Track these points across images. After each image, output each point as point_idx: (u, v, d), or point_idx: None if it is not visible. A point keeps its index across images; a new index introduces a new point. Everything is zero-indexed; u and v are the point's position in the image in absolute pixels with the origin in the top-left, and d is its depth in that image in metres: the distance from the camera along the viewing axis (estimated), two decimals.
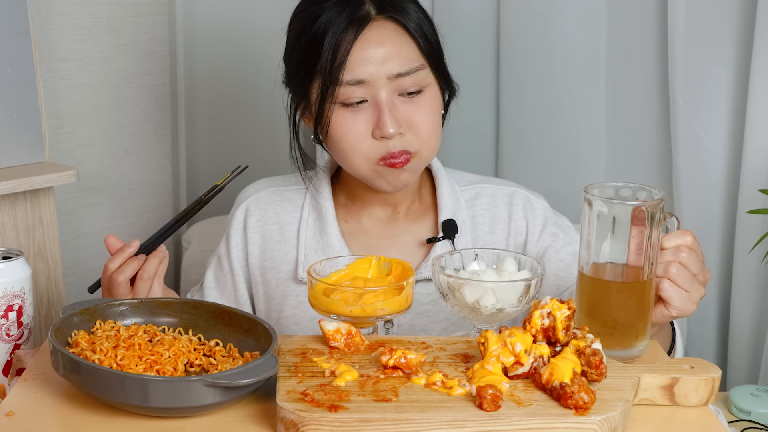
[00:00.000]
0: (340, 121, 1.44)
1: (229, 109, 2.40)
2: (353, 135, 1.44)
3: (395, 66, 1.43)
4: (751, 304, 1.83)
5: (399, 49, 1.44)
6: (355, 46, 1.42)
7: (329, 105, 1.44)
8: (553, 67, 2.02)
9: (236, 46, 2.36)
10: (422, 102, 1.45)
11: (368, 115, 1.44)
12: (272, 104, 2.46)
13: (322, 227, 1.54)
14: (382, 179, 1.47)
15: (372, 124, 1.43)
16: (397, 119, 1.43)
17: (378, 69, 1.42)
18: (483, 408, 1.04)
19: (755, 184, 1.75)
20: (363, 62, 1.42)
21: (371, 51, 1.42)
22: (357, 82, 1.42)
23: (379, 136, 1.43)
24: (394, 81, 1.43)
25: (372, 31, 1.43)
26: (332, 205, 1.55)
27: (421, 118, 1.45)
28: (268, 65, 2.42)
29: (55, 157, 2.02)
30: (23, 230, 1.85)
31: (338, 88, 1.43)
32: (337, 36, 1.42)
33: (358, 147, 1.44)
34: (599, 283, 1.21)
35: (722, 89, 1.82)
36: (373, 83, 1.42)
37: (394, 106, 1.43)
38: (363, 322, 1.22)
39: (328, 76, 1.43)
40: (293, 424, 1.02)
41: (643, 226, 1.18)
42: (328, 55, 1.42)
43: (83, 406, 1.09)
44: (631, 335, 1.21)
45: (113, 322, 1.20)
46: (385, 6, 1.45)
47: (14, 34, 1.80)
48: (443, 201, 1.55)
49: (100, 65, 2.10)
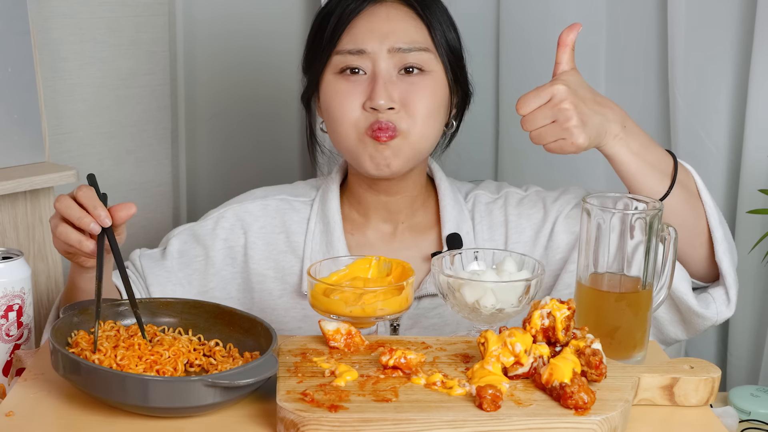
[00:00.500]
0: (334, 89, 1.45)
1: (229, 109, 2.40)
2: (346, 104, 1.43)
3: (398, 41, 1.43)
4: (751, 304, 1.83)
5: (406, 28, 1.44)
6: (361, 18, 1.43)
7: (326, 70, 1.45)
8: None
9: (236, 46, 2.36)
10: (422, 84, 1.44)
11: (364, 87, 1.43)
12: (272, 104, 2.47)
13: (329, 240, 1.52)
14: (366, 155, 1.43)
15: (366, 96, 1.42)
16: (390, 94, 1.42)
17: (380, 42, 1.43)
18: (483, 408, 1.04)
19: (755, 184, 1.75)
20: (366, 34, 1.43)
21: (377, 25, 1.43)
22: (357, 51, 1.43)
23: (369, 107, 1.42)
24: (396, 55, 1.43)
25: (382, 9, 1.45)
26: (340, 218, 1.53)
27: (417, 98, 1.43)
28: (268, 65, 2.43)
29: (55, 157, 2.02)
30: (23, 230, 1.86)
31: (337, 56, 1.43)
32: (345, 8, 1.44)
33: (349, 116, 1.43)
34: (598, 293, 1.21)
35: (722, 89, 1.82)
36: (373, 55, 1.43)
37: (390, 81, 1.43)
38: (363, 322, 1.22)
39: (328, 42, 1.44)
40: (293, 424, 1.02)
41: (641, 236, 1.19)
42: (333, 24, 1.44)
43: (83, 406, 1.09)
44: (629, 345, 1.21)
45: (113, 322, 1.20)
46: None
47: (14, 35, 1.80)
48: (446, 214, 1.53)
49: (100, 65, 2.10)
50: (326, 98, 1.46)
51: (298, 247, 1.53)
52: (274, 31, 2.41)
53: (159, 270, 1.51)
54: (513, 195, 1.56)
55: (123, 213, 1.24)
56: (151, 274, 1.50)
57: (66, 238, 1.23)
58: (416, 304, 1.49)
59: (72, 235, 1.23)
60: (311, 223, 1.54)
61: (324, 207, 1.54)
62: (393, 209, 1.54)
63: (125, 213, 1.24)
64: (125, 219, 1.24)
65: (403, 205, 1.53)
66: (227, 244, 1.54)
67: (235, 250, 1.54)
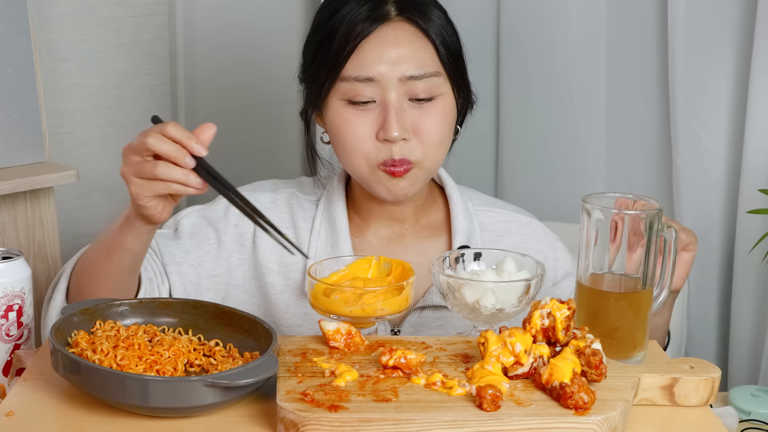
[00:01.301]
0: (345, 118, 1.41)
1: (228, 109, 2.40)
2: (357, 135, 1.40)
3: (408, 68, 1.39)
4: (751, 304, 1.83)
5: (415, 52, 1.40)
6: (369, 43, 1.39)
7: (332, 94, 1.41)
8: (553, 67, 2.03)
9: (236, 47, 2.37)
10: (432, 110, 1.41)
11: (374, 116, 1.40)
12: (272, 104, 2.47)
13: (335, 241, 1.49)
14: (381, 185, 1.42)
15: (377, 126, 1.39)
16: (403, 123, 1.39)
17: (390, 69, 1.39)
18: (483, 408, 1.04)
19: (755, 184, 1.75)
20: (375, 60, 1.39)
21: (385, 50, 1.39)
22: (366, 79, 1.39)
23: (383, 139, 1.39)
24: (406, 83, 1.39)
25: (389, 31, 1.40)
26: (347, 221, 1.50)
27: (429, 126, 1.41)
28: (268, 65, 2.43)
29: (55, 157, 2.02)
30: (23, 230, 1.86)
31: (344, 83, 1.40)
32: (351, 28, 1.39)
33: (360, 147, 1.41)
34: (598, 293, 1.21)
35: (722, 89, 1.82)
36: (383, 83, 1.39)
37: (402, 109, 1.40)
38: (363, 322, 1.22)
39: (333, 64, 1.40)
40: (293, 424, 1.02)
41: (641, 236, 1.18)
42: (338, 44, 1.40)
43: (83, 406, 1.09)
44: (629, 345, 1.21)
45: (113, 322, 1.20)
46: (407, 8, 1.42)
47: (14, 34, 1.80)
48: (458, 224, 1.51)
49: (100, 65, 2.10)
50: (335, 125, 1.43)
51: (304, 244, 1.51)
52: (274, 31, 2.41)
53: (175, 249, 1.49)
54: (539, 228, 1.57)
55: (208, 134, 1.18)
56: (167, 253, 1.48)
57: (169, 175, 1.16)
58: (419, 313, 1.49)
59: (175, 171, 1.15)
60: (316, 222, 1.52)
61: (330, 208, 1.52)
62: (398, 217, 1.52)
63: (210, 134, 1.19)
64: (211, 140, 1.19)
65: (408, 213, 1.52)
66: (237, 230, 1.52)
67: (245, 237, 1.52)
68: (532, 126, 2.08)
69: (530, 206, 1.81)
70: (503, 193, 2.16)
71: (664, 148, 1.95)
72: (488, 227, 1.54)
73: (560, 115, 2.05)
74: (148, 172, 1.17)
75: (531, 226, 1.57)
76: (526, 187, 2.13)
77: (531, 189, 2.13)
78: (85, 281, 1.35)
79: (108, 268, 1.31)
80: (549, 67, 2.02)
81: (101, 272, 1.32)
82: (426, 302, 1.48)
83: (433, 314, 1.48)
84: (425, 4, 1.44)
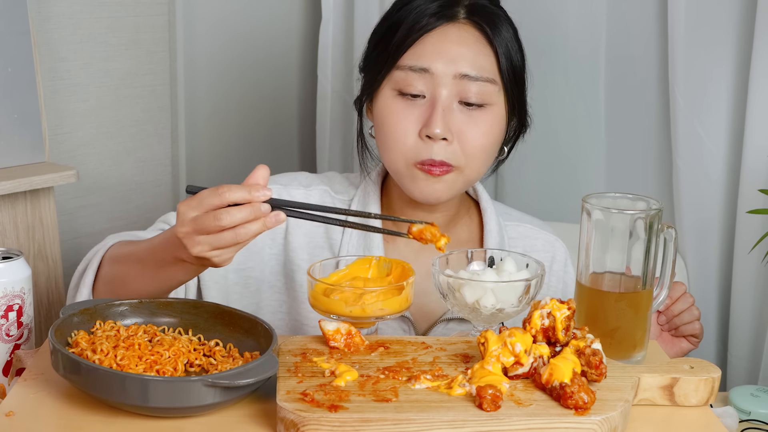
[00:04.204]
0: (392, 108, 1.40)
1: (229, 109, 2.40)
2: (401, 127, 1.39)
3: (465, 66, 1.38)
4: (751, 304, 1.83)
5: (475, 55, 1.39)
6: (431, 37, 1.38)
7: (385, 83, 1.40)
8: (553, 67, 2.02)
9: (236, 47, 2.36)
10: (481, 118, 1.39)
11: (422, 112, 1.38)
12: (272, 104, 2.47)
13: (368, 245, 1.48)
14: (415, 184, 1.40)
15: (422, 122, 1.38)
16: (448, 123, 1.37)
17: (446, 65, 1.37)
18: (483, 408, 1.04)
19: (755, 184, 1.75)
20: (433, 54, 1.38)
21: (446, 46, 1.38)
22: (421, 69, 1.37)
23: (425, 135, 1.37)
24: (459, 82, 1.38)
25: (453, 30, 1.39)
26: (380, 223, 1.47)
27: (475, 133, 1.39)
28: (268, 65, 2.43)
29: (55, 157, 2.01)
30: (23, 230, 1.85)
31: (398, 71, 1.39)
32: (417, 20, 1.39)
33: (402, 141, 1.39)
34: (598, 293, 1.21)
35: (722, 89, 1.82)
36: (437, 78, 1.37)
37: (450, 109, 1.38)
38: (363, 323, 1.22)
39: (393, 53, 1.39)
40: (293, 424, 1.02)
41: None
42: (401, 34, 1.39)
43: (83, 406, 1.09)
44: (629, 345, 1.21)
45: (113, 322, 1.20)
46: (477, 12, 1.41)
47: (14, 34, 1.80)
48: (490, 239, 1.50)
49: (100, 65, 2.10)
50: (381, 114, 1.42)
51: (335, 244, 1.49)
52: (274, 31, 2.41)
53: None
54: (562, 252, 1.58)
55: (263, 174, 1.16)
56: None
57: (248, 233, 1.13)
58: (445, 324, 1.48)
59: (253, 227, 1.13)
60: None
61: (364, 208, 1.50)
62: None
63: (265, 173, 1.16)
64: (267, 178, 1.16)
65: (440, 222, 1.49)
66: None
67: (276, 231, 1.49)
68: (531, 125, 2.07)
69: (530, 206, 1.82)
70: (503, 193, 2.16)
71: (664, 148, 1.95)
72: (516, 242, 1.54)
73: (560, 115, 2.05)
74: (230, 241, 1.14)
75: (555, 245, 1.58)
76: (526, 187, 2.13)
77: (531, 189, 2.13)
78: (119, 289, 1.31)
79: (147, 285, 1.28)
80: (549, 66, 2.02)
81: (139, 285, 1.29)
82: (452, 314, 1.47)
83: (458, 326, 1.47)
84: (496, 15, 1.42)
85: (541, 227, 1.59)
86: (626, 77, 1.98)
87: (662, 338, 1.45)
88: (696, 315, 1.43)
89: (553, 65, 2.02)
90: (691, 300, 1.44)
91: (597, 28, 1.98)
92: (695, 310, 1.44)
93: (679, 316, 1.43)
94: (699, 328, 1.44)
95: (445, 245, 1.21)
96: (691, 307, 1.43)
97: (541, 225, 1.60)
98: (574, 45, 2.01)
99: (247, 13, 2.37)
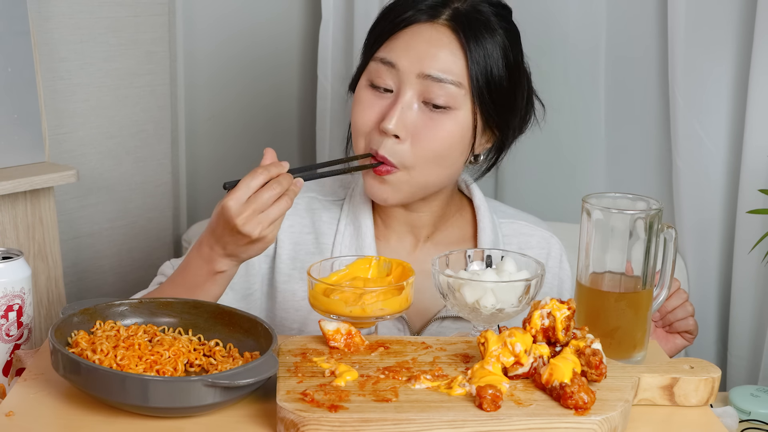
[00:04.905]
0: (361, 98, 1.41)
1: (229, 109, 2.40)
2: (364, 117, 1.40)
3: (430, 66, 1.36)
4: (751, 304, 1.83)
5: (445, 57, 1.37)
6: (406, 32, 1.39)
7: (364, 73, 1.42)
8: (553, 67, 2.02)
9: (236, 46, 2.37)
10: (442, 121, 1.38)
11: (385, 105, 1.39)
12: (272, 104, 2.47)
13: (360, 245, 1.47)
14: (367, 183, 1.42)
15: (382, 116, 1.38)
16: (404, 120, 1.37)
17: (411, 63, 1.37)
18: (483, 408, 1.04)
19: (755, 184, 1.75)
20: (404, 49, 1.38)
21: (415, 43, 1.38)
22: (389, 63, 1.38)
23: (381, 129, 1.38)
24: (423, 81, 1.37)
25: (429, 30, 1.38)
26: (372, 223, 1.48)
27: (431, 136, 1.37)
28: (268, 65, 2.43)
29: (55, 157, 2.01)
30: (23, 230, 1.85)
31: (373, 62, 1.40)
32: (401, 13, 1.39)
33: (362, 131, 1.40)
34: (597, 293, 1.21)
35: (722, 89, 1.82)
36: (402, 74, 1.38)
37: (410, 108, 1.37)
38: (363, 323, 1.22)
39: (373, 43, 1.41)
40: (293, 424, 1.02)
41: None
42: (384, 24, 1.41)
43: (83, 406, 1.09)
44: (629, 345, 1.21)
45: (113, 322, 1.20)
46: (459, 18, 1.39)
47: (14, 34, 1.80)
48: (484, 237, 1.50)
49: (100, 65, 2.10)
50: (353, 105, 1.43)
51: (327, 249, 1.49)
52: (274, 31, 2.41)
53: None
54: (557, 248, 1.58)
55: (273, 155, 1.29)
56: None
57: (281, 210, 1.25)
58: (439, 323, 1.48)
59: (284, 203, 1.26)
60: (341, 224, 1.49)
61: (355, 209, 1.50)
62: (416, 224, 1.50)
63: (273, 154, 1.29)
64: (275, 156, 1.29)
65: (427, 221, 1.50)
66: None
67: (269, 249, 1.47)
68: (531, 125, 2.07)
69: (530, 206, 1.82)
70: (503, 193, 2.16)
71: (664, 148, 1.95)
72: (511, 239, 1.54)
73: (560, 115, 2.05)
74: (278, 213, 1.25)
75: (550, 241, 1.57)
76: (526, 187, 2.13)
77: (531, 189, 2.13)
78: None
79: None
80: (549, 66, 2.02)
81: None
82: (447, 312, 1.47)
83: (453, 324, 1.47)
84: (483, 24, 1.39)
85: (535, 224, 1.58)
86: (626, 77, 1.98)
87: (656, 334, 1.45)
88: (690, 311, 1.43)
89: (553, 65, 2.02)
90: (685, 296, 1.43)
91: (597, 27, 1.98)
92: (689, 306, 1.44)
93: (673, 312, 1.43)
94: (693, 324, 1.44)
95: None
96: (685, 303, 1.43)
97: (535, 222, 1.59)
98: (574, 45, 2.01)
99: (247, 13, 2.37)
